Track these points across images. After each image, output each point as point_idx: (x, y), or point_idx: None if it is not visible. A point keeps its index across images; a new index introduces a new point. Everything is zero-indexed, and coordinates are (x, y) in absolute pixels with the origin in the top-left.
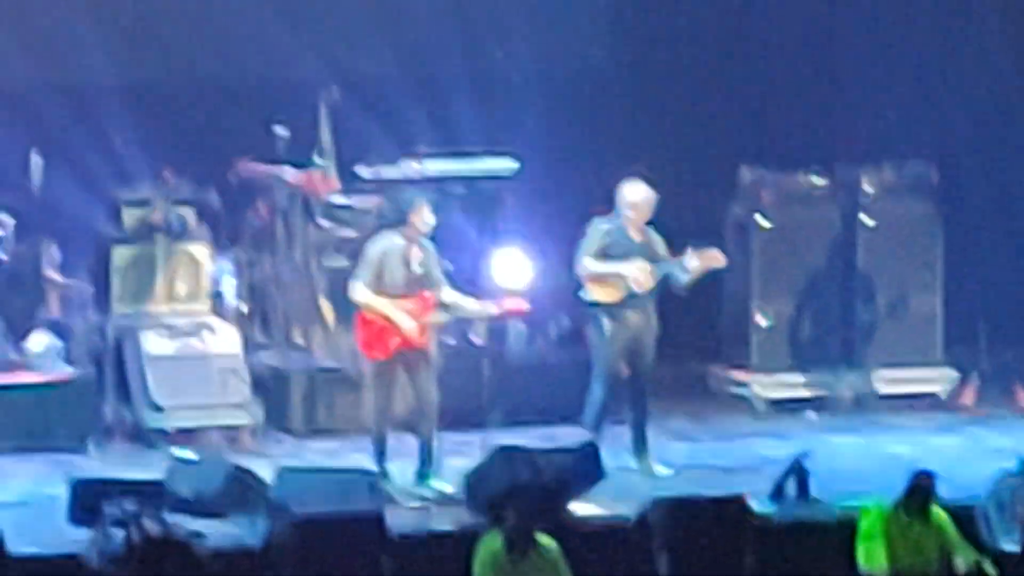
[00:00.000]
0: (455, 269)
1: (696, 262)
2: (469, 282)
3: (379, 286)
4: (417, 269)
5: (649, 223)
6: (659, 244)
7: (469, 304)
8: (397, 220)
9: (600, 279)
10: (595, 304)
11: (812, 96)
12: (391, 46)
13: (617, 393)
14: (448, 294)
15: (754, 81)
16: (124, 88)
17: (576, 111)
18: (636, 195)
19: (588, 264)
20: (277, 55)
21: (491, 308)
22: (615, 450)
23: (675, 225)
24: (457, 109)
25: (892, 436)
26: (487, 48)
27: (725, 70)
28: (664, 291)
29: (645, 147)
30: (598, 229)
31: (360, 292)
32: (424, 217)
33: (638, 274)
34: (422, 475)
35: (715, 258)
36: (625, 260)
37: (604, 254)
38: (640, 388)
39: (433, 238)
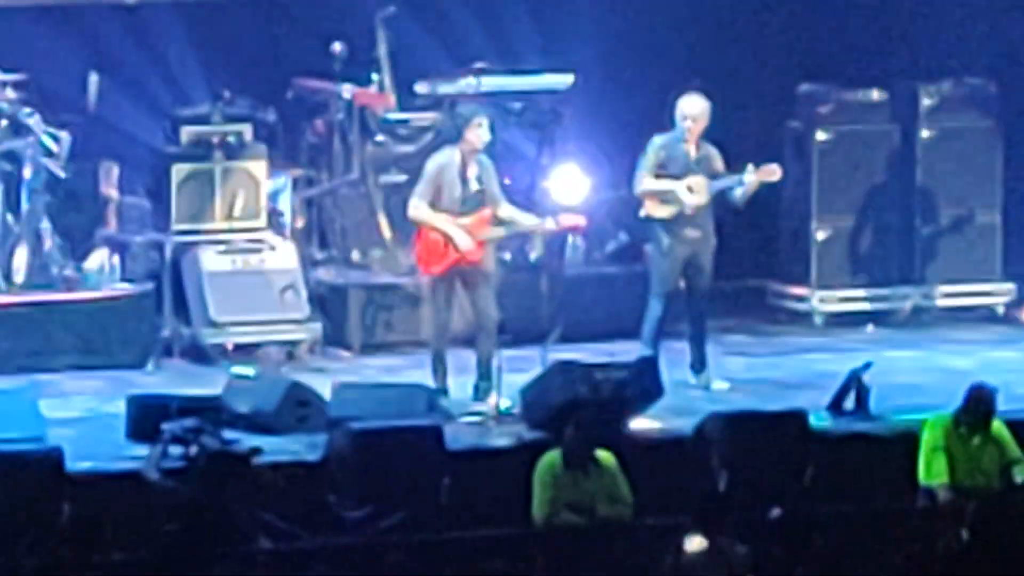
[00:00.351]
0: (513, 184)
1: (752, 176)
2: (527, 197)
3: (437, 202)
4: (474, 185)
5: (706, 138)
6: (716, 159)
7: (527, 220)
8: (454, 136)
9: (657, 196)
10: (652, 220)
11: (869, 10)
12: None
13: (675, 308)
14: (505, 210)
15: None
16: (180, 5)
17: (634, 26)
18: (693, 107)
19: (645, 182)
20: None
21: (549, 224)
22: (673, 365)
23: (734, 140)
24: (513, 24)
25: (951, 350)
26: None
27: None
28: (723, 205)
29: (703, 62)
30: (655, 145)
31: (419, 209)
32: (481, 133)
33: (690, 194)
34: (481, 390)
35: (771, 172)
36: (682, 176)
37: (662, 170)
38: (699, 303)
39: (491, 154)
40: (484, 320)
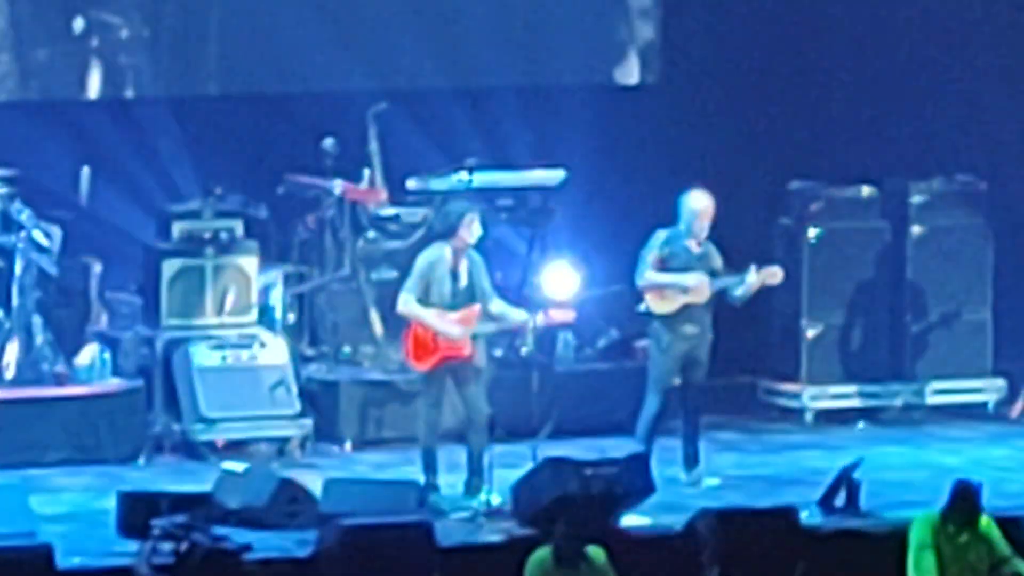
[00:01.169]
0: (504, 280)
1: (754, 277)
2: (517, 293)
3: (427, 298)
4: (464, 280)
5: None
6: (716, 257)
7: (516, 314)
8: (446, 232)
9: (659, 291)
10: (653, 315)
11: (860, 110)
12: (438, 59)
13: (670, 404)
14: (496, 305)
15: (802, 94)
16: (172, 101)
17: (624, 123)
18: (700, 203)
19: (649, 275)
20: (325, 68)
21: (539, 319)
22: (664, 461)
23: (725, 237)
24: (504, 121)
25: (942, 447)
26: (535, 61)
27: (773, 82)
28: (720, 302)
29: (694, 159)
30: (658, 240)
31: (408, 304)
32: (473, 229)
33: (694, 286)
34: (471, 487)
35: (773, 274)
36: (684, 272)
37: (664, 266)
38: (695, 399)
39: (481, 249)
40: (475, 415)
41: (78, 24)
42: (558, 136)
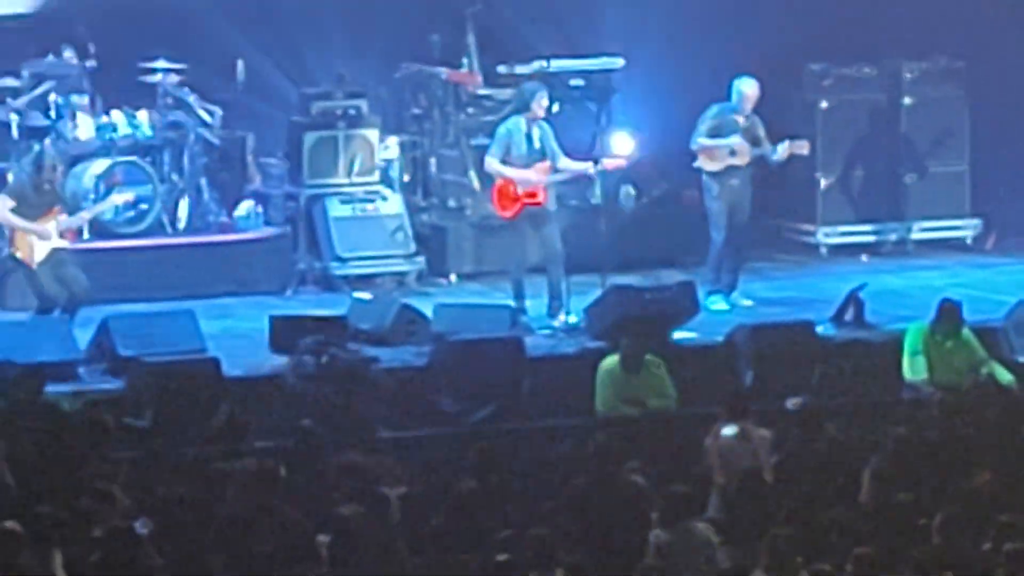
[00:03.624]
0: (575, 145)
1: (786, 147)
2: (587, 154)
3: (508, 159)
4: (536, 144)
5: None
6: (759, 128)
7: (578, 165)
8: (521, 107)
9: (709, 152)
10: (704, 171)
11: (862, 4)
12: None
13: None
14: (563, 162)
15: None
16: (311, 4)
17: (675, 21)
18: (747, 87)
19: (702, 140)
20: None
21: (597, 165)
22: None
23: (758, 108)
24: (576, 16)
25: (930, 273)
26: None
27: None
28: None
29: (733, 48)
30: (712, 112)
31: (492, 164)
32: (542, 103)
33: (735, 151)
34: (552, 309)
35: (801, 146)
36: (730, 139)
37: (715, 134)
38: (739, 237)
39: (558, 118)
40: (552, 252)
41: None
42: (623, 28)
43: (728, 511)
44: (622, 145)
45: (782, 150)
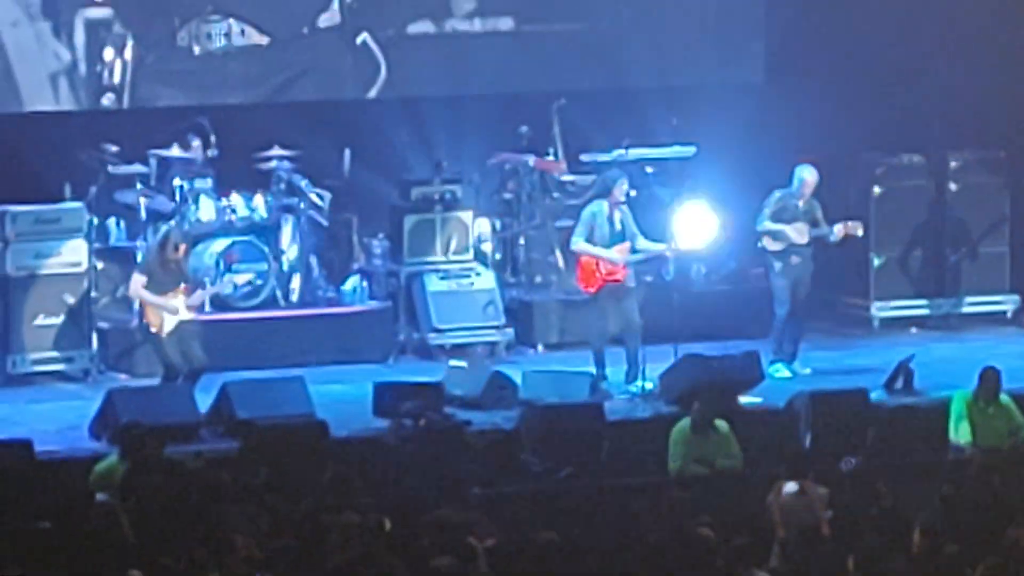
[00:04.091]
0: (651, 227)
1: (841, 228)
2: (661, 235)
3: (591, 239)
4: (618, 227)
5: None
6: (818, 210)
7: (655, 246)
8: (604, 192)
9: (772, 234)
10: (768, 251)
11: (911, 99)
12: (599, 66)
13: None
14: (641, 242)
15: (868, 89)
16: (406, 101)
17: (743, 113)
18: (807, 174)
19: (765, 223)
20: (519, 75)
21: (671, 247)
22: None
23: (817, 192)
24: (651, 110)
25: (973, 344)
26: (671, 65)
27: (847, 80)
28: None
29: (794, 139)
30: (775, 197)
31: (578, 243)
32: (623, 188)
33: (795, 233)
34: (630, 376)
35: (856, 227)
36: (791, 222)
37: (777, 217)
38: (799, 311)
39: (634, 203)
40: (630, 325)
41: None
42: (695, 120)
43: (788, 562)
44: (694, 227)
45: (838, 231)
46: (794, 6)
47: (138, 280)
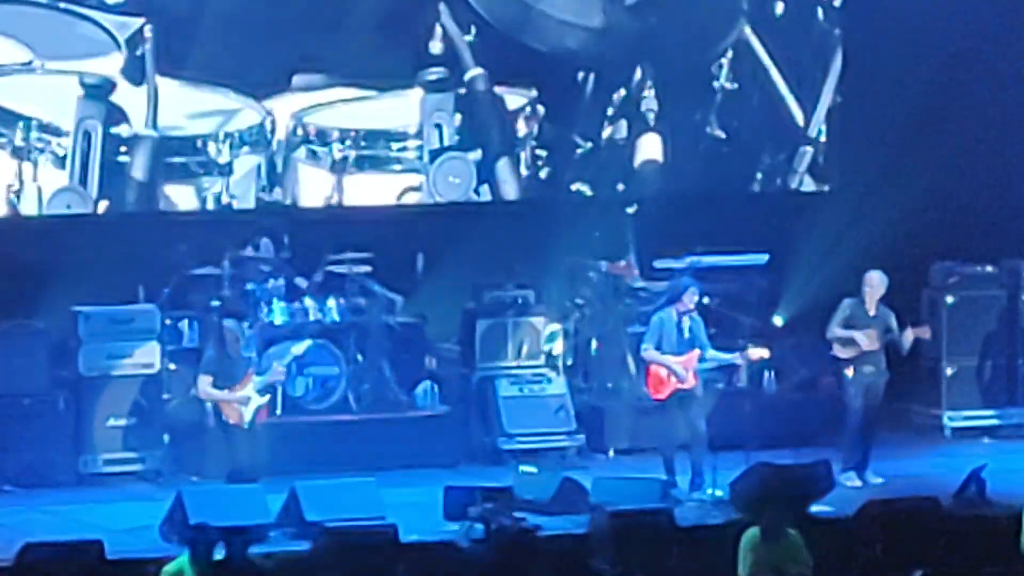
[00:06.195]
0: (720, 334)
1: (910, 333)
2: (729, 346)
3: (660, 347)
4: (687, 335)
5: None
6: (890, 317)
7: (725, 355)
8: (673, 299)
9: (843, 341)
10: (839, 359)
11: (981, 208)
12: (667, 175)
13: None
14: (710, 352)
15: (938, 199)
16: (485, 211)
17: (814, 218)
18: (875, 280)
19: (835, 331)
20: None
21: (741, 358)
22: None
23: (889, 301)
24: (720, 219)
25: None
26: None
27: (914, 188)
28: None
29: (862, 246)
30: (844, 305)
31: (647, 351)
32: (693, 296)
33: (866, 340)
34: (695, 484)
35: (924, 331)
36: (862, 329)
37: (848, 324)
38: (871, 419)
39: (702, 312)
40: (696, 433)
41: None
42: (766, 228)
43: None
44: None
45: (907, 334)
46: (866, 113)
47: (204, 380)
